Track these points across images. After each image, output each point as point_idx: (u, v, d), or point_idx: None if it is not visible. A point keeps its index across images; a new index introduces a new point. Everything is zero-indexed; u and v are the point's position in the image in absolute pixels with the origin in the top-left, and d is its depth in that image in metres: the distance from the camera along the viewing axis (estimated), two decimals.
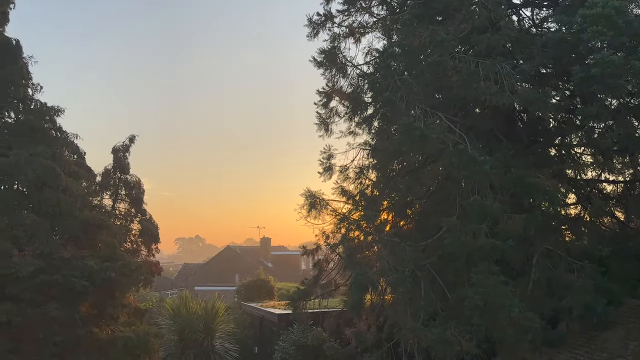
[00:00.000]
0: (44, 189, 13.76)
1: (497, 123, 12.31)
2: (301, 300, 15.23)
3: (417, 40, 11.77)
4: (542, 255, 10.91)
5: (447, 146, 10.58)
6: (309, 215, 13.52)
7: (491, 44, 11.26)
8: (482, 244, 9.95)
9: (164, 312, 22.62)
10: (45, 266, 13.06)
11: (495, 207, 10.11)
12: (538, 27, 13.42)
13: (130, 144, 18.43)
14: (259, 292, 29.84)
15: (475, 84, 10.73)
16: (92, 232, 14.91)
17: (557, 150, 13.17)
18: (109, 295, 14.59)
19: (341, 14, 15.40)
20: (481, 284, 9.62)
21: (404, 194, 13.29)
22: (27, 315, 12.67)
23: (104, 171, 18.10)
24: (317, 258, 15.73)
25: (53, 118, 15.75)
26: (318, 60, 14.81)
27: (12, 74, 14.82)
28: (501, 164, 10.76)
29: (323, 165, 14.82)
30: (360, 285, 11.44)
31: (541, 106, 11.19)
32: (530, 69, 11.16)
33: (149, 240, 17.97)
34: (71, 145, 16.39)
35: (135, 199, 18.16)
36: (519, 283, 10.56)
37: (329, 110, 15.37)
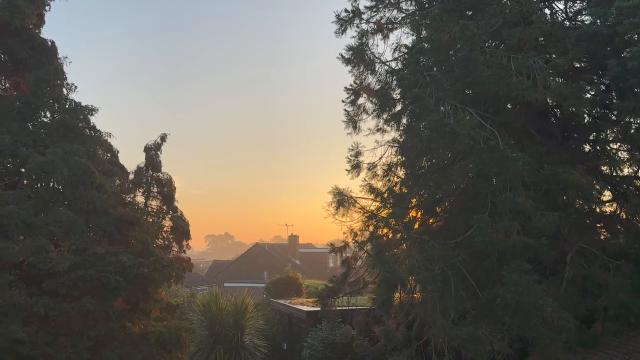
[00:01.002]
0: (78, 187, 14.09)
1: (530, 119, 12.07)
2: (329, 297, 15.23)
3: (447, 35, 11.61)
4: (576, 254, 10.66)
5: (478, 142, 10.41)
6: (336, 212, 13.50)
7: (523, 38, 11.04)
8: (514, 242, 9.77)
9: (195, 308, 22.95)
10: (80, 262, 13.39)
11: (528, 204, 9.91)
12: (572, 21, 13.09)
13: (162, 143, 18.72)
14: (288, 289, 30.02)
15: (507, 79, 10.52)
16: (125, 229, 15.21)
17: (591, 146, 12.83)
18: (142, 290, 14.86)
19: (369, 10, 15.33)
20: (513, 283, 9.44)
21: (433, 192, 13.14)
22: (63, 310, 13.02)
23: (136, 169, 18.45)
24: (345, 255, 15.71)
25: (87, 117, 16.13)
26: (346, 57, 14.77)
27: (48, 74, 15.22)
28: (534, 160, 10.55)
29: (351, 162, 14.81)
30: (388, 283, 11.39)
31: (575, 101, 10.91)
32: (564, 63, 10.89)
33: (180, 237, 18.23)
34: (105, 143, 16.76)
35: (167, 196, 18.45)
36: (552, 282, 10.36)
37: (357, 108, 15.33)
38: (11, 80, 16.46)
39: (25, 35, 15.54)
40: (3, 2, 14.62)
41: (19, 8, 14.65)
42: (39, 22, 16.36)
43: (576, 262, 10.61)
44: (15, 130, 14.59)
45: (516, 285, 9.41)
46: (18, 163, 14.84)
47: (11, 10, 14.51)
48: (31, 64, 15.55)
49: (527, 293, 9.39)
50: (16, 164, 14.97)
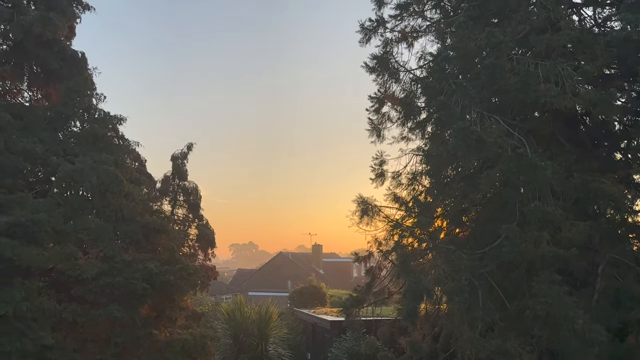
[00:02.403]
0: (107, 195, 14.35)
1: (558, 127, 11.83)
2: (354, 307, 15.10)
3: (472, 42, 11.49)
4: (608, 265, 10.35)
5: (506, 150, 10.24)
6: (361, 221, 13.43)
7: (551, 44, 10.86)
8: (543, 252, 9.54)
9: (219, 316, 23.08)
10: (108, 269, 13.60)
11: (558, 213, 9.68)
12: (600, 27, 12.83)
13: (188, 152, 18.99)
14: (311, 298, 29.96)
15: (535, 86, 10.34)
16: (152, 236, 15.41)
17: (623, 154, 12.49)
18: (168, 297, 15.01)
19: (393, 19, 15.30)
20: (543, 294, 9.20)
21: (459, 201, 12.96)
22: (90, 316, 13.22)
23: (163, 178, 18.73)
24: (370, 265, 15.59)
25: (116, 126, 16.48)
26: (370, 66, 14.77)
27: (78, 85, 15.63)
28: (563, 169, 10.32)
29: (375, 171, 14.73)
30: (414, 293, 11.22)
31: (605, 108, 10.65)
32: (593, 69, 10.63)
33: (206, 245, 18.39)
34: (133, 152, 17.06)
35: (193, 204, 18.66)
36: (583, 294, 10.06)
37: (381, 116, 15.27)
38: (43, 91, 16.92)
39: (57, 47, 15.98)
40: (36, 15, 15.08)
41: (51, 21, 15.08)
42: (70, 34, 16.82)
43: (608, 273, 10.30)
44: (46, 139, 14.96)
45: (546, 296, 9.17)
46: (48, 171, 15.22)
47: (43, 22, 14.95)
48: (62, 75, 15.97)
49: (557, 304, 9.14)
50: (47, 172, 15.35)
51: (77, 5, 16.88)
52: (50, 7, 15.83)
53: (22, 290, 12.48)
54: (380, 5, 15.29)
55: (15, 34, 15.17)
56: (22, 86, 16.92)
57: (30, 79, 16.87)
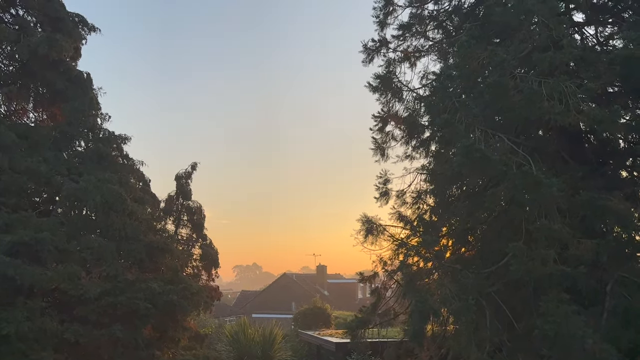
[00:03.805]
0: (110, 214, 14.35)
1: (563, 144, 11.80)
2: (359, 328, 14.86)
3: (475, 61, 11.54)
4: (616, 283, 10.20)
5: (511, 168, 10.18)
6: (365, 241, 13.33)
7: (554, 62, 10.86)
8: (551, 271, 9.42)
9: (223, 338, 22.83)
10: (111, 288, 13.52)
11: (564, 231, 9.58)
12: (603, 45, 12.88)
13: (192, 171, 19.06)
14: (316, 320, 29.63)
15: (539, 104, 10.32)
16: (155, 256, 15.36)
17: (628, 172, 12.42)
18: (171, 318, 14.87)
19: (396, 39, 15.42)
20: (551, 313, 9.05)
21: (465, 219, 12.86)
22: (93, 336, 13.10)
23: (167, 197, 18.75)
24: (375, 285, 15.41)
25: (120, 146, 16.57)
26: (373, 85, 14.82)
27: (83, 105, 15.78)
28: (569, 186, 10.23)
29: (379, 190, 14.65)
30: (421, 313, 11.05)
31: (610, 126, 10.60)
32: (597, 87, 10.63)
33: (209, 265, 18.30)
34: (137, 172, 17.12)
35: (197, 224, 18.64)
36: (591, 313, 9.88)
37: (385, 135, 15.27)
38: (48, 111, 17.10)
39: (63, 68, 16.17)
40: (42, 37, 15.30)
41: (57, 42, 15.29)
42: (76, 55, 17.04)
43: (617, 292, 10.13)
44: (51, 159, 15.03)
45: (554, 315, 9.01)
46: (53, 191, 15.27)
47: (49, 44, 15.16)
48: (67, 95, 16.13)
49: (566, 324, 8.97)
50: (51, 191, 15.40)
51: (83, 27, 17.15)
52: (56, 28, 16.08)
53: (24, 310, 12.39)
54: (383, 26, 15.43)
55: (21, 54, 15.37)
56: (28, 106, 17.10)
57: (35, 100, 17.05)
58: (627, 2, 12.54)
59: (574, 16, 13.13)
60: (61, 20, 16.54)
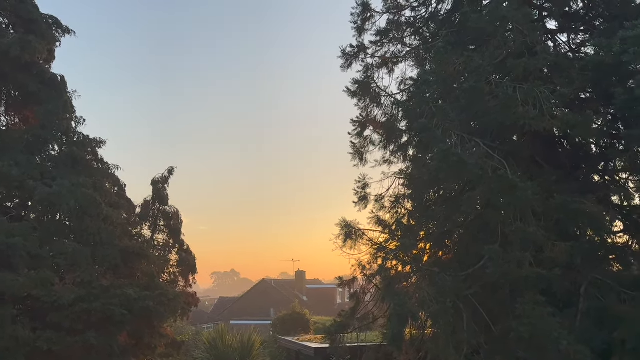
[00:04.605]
0: (85, 218, 14.11)
1: (537, 149, 12.01)
2: (338, 333, 14.84)
3: (452, 67, 11.70)
4: (590, 285, 10.40)
5: (487, 172, 10.33)
6: (344, 245, 13.32)
7: (528, 68, 11.08)
8: (526, 273, 9.56)
9: (200, 345, 22.59)
10: (85, 294, 13.27)
11: (539, 234, 9.74)
12: (575, 52, 13.19)
13: (169, 176, 18.84)
14: (295, 325, 29.53)
15: (514, 109, 10.51)
16: (131, 261, 15.14)
17: (601, 176, 12.70)
18: (147, 324, 14.66)
19: (374, 45, 15.52)
20: (527, 315, 9.18)
21: (442, 223, 12.98)
22: (66, 343, 12.83)
23: (143, 202, 18.50)
24: (354, 289, 15.41)
25: (95, 150, 16.32)
26: (352, 90, 14.89)
27: (57, 108, 15.50)
28: (543, 190, 10.41)
29: (358, 194, 14.68)
30: (399, 317, 11.09)
31: (582, 130, 10.87)
32: (570, 93, 10.89)
33: (187, 271, 18.11)
34: (112, 176, 16.88)
35: (174, 229, 18.42)
36: (566, 314, 10.05)
37: (363, 139, 15.34)
38: (21, 114, 16.75)
39: (36, 70, 15.88)
40: (14, 38, 15.00)
41: (30, 44, 15.01)
42: (50, 57, 16.74)
43: (590, 293, 10.33)
44: (23, 163, 14.72)
45: (530, 317, 9.15)
46: (25, 195, 14.93)
47: (22, 45, 14.87)
48: (41, 98, 15.83)
49: (542, 326, 9.13)
50: (23, 196, 15.07)
51: (57, 29, 16.85)
52: (29, 30, 15.78)
53: None
54: (361, 32, 15.53)
55: None
56: None
57: (7, 103, 16.71)
58: (598, 10, 12.89)
59: (547, 24, 13.44)
60: (34, 22, 16.23)
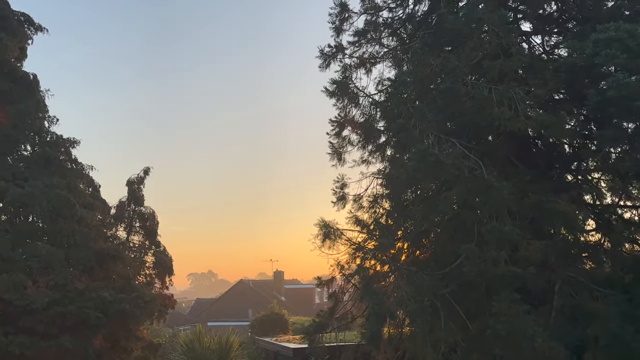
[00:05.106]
0: (58, 220, 13.86)
1: (512, 149, 12.20)
2: (317, 333, 14.84)
3: (428, 68, 11.82)
4: (564, 283, 10.60)
5: (463, 172, 10.46)
6: (323, 245, 13.31)
7: (503, 70, 11.26)
8: (502, 272, 9.70)
9: (177, 348, 22.33)
10: (59, 298, 13.04)
11: (515, 233, 9.89)
12: (549, 54, 13.45)
13: (145, 176, 18.59)
14: (273, 326, 29.43)
15: (489, 110, 10.66)
16: (106, 264, 14.92)
17: (574, 175, 12.96)
18: (123, 327, 14.48)
19: (352, 45, 15.58)
20: (503, 313, 9.32)
21: (419, 222, 13.09)
22: (40, 348, 12.58)
23: (118, 203, 18.22)
24: (332, 289, 15.43)
25: (68, 150, 16.02)
26: (330, 90, 14.90)
27: (29, 107, 15.17)
28: (518, 189, 10.59)
29: (336, 194, 14.72)
30: (377, 316, 11.15)
31: (556, 131, 11.08)
32: (544, 94, 11.10)
33: (163, 273, 17.90)
34: (86, 177, 16.60)
35: (150, 230, 18.20)
36: (541, 312, 10.23)
37: (342, 140, 15.37)
38: None
39: (7, 68, 15.53)
40: None
41: (0, 41, 14.65)
42: (21, 55, 16.39)
43: (564, 291, 10.53)
44: None
45: (506, 315, 9.28)
46: None
47: None
48: (12, 97, 15.49)
49: (517, 323, 9.26)
50: None
51: (29, 27, 16.48)
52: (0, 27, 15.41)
53: None
54: (339, 32, 15.57)
55: None
56: None
57: None
58: (571, 13, 13.17)
59: (522, 25, 13.67)
60: (5, 19, 15.84)
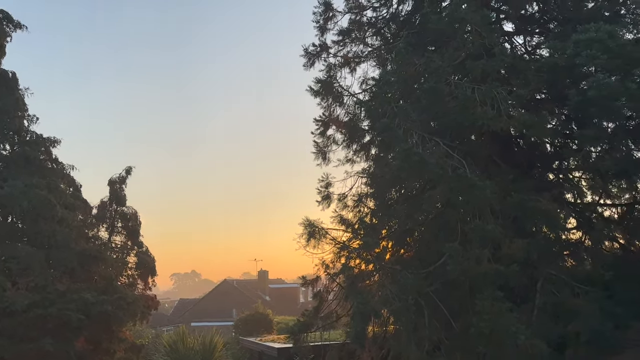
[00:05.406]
0: (39, 220, 13.65)
1: (495, 149, 12.33)
2: (302, 332, 14.84)
3: (412, 68, 11.89)
4: (546, 281, 10.73)
5: (447, 171, 10.53)
6: (307, 244, 13.30)
7: (486, 70, 11.36)
8: (485, 270, 9.78)
9: (161, 349, 22.14)
10: (40, 300, 12.85)
11: (497, 231, 9.98)
12: (531, 54, 13.61)
13: (127, 176, 18.37)
14: (258, 326, 29.33)
15: (472, 109, 10.75)
16: (88, 265, 14.73)
17: (555, 174, 13.14)
18: (106, 329, 14.31)
19: (336, 44, 15.60)
20: (486, 311, 9.40)
21: (404, 221, 13.15)
22: (20, 351, 12.39)
23: (100, 203, 17.99)
24: (317, 289, 15.44)
25: (49, 149, 15.78)
26: (315, 90, 14.90)
27: (7, 106, 14.90)
28: (501, 188, 10.69)
29: (321, 193, 14.72)
30: (362, 315, 11.18)
31: (538, 131, 11.22)
32: (526, 94, 11.22)
33: (146, 273, 17.72)
34: (67, 177, 16.37)
35: (132, 231, 17.99)
36: (523, 309, 10.35)
37: (326, 139, 15.39)
38: None
39: None
40: None
41: None
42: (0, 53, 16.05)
43: (546, 289, 10.66)
44: None
45: (489, 313, 9.37)
46: None
47: None
48: None
49: (500, 321, 9.35)
50: None
51: (7, 24, 16.16)
52: None
53: None
54: (323, 31, 15.58)
55: None
56: None
57: None
58: (552, 13, 13.34)
59: (504, 26, 13.82)
60: None
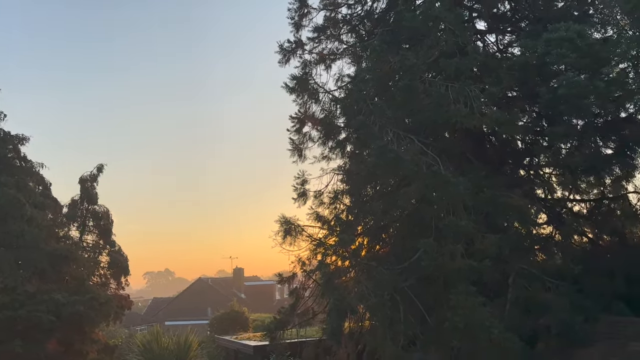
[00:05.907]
0: (7, 220, 13.32)
1: (468, 145, 12.51)
2: (278, 330, 14.81)
3: (387, 65, 11.96)
4: (517, 275, 10.95)
5: (421, 168, 10.65)
6: (284, 241, 13.30)
7: (459, 68, 11.50)
8: (459, 265, 9.93)
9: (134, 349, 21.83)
10: (8, 301, 12.56)
11: (470, 227, 10.15)
12: (503, 52, 13.84)
13: (98, 174, 18.04)
14: (233, 324, 29.12)
15: (446, 107, 10.90)
16: (59, 265, 14.44)
17: (526, 171, 13.42)
18: (78, 330, 14.06)
19: (311, 41, 15.60)
20: (460, 306, 9.56)
21: (379, 218, 13.25)
22: None
23: (70, 202, 17.64)
24: (294, 286, 15.42)
25: (17, 147, 15.41)
26: (290, 86, 14.86)
27: None
28: (474, 185, 10.86)
29: (297, 190, 14.71)
30: (338, 311, 11.24)
31: (510, 128, 11.45)
32: (498, 92, 11.41)
33: (118, 273, 17.46)
34: (36, 175, 16.01)
35: (104, 229, 17.71)
36: (496, 304, 10.55)
37: (302, 136, 15.36)
38: None
39: None
40: None
41: None
42: None
43: (518, 283, 10.89)
44: None
45: (463, 308, 9.52)
46: None
47: None
48: None
49: (474, 315, 9.52)
50: None
51: None
52: None
53: None
54: (299, 28, 15.55)
55: None
56: None
57: None
58: (524, 12, 13.58)
59: (477, 24, 14.01)
60: None
